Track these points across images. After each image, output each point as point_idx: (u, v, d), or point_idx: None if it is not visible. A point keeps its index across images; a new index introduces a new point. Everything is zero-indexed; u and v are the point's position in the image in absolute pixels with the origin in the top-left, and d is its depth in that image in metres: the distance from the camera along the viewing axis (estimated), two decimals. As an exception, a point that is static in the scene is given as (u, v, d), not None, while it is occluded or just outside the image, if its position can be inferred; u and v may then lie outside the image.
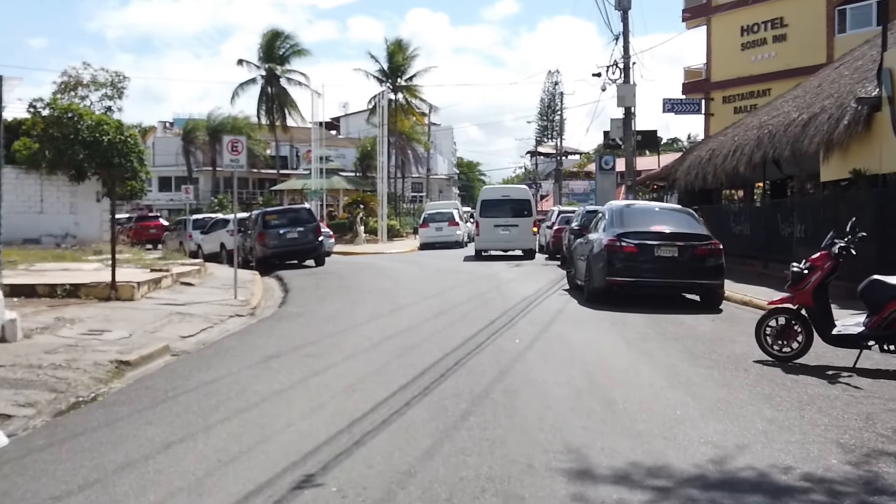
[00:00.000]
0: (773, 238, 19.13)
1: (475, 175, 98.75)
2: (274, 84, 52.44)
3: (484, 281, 17.94)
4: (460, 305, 13.24)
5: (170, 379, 7.81)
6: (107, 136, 30.10)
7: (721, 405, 6.40)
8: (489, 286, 16.62)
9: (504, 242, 26.33)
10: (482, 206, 26.47)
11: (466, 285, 16.93)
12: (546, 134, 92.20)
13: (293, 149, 61.49)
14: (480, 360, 8.33)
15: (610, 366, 8.01)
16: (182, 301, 14.47)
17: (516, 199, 26.60)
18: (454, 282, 17.73)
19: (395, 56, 51.88)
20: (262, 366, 8.32)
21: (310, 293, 16.44)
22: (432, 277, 19.23)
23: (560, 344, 9.32)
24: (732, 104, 34.20)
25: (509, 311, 12.26)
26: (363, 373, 7.80)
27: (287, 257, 23.77)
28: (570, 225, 23.36)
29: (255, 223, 24.05)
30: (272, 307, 14.87)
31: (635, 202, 18.10)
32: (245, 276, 20.61)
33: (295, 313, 13.21)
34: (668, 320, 11.38)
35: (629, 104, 28.05)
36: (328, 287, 17.57)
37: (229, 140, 15.16)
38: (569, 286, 15.99)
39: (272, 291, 18.05)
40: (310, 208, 24.59)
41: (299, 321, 12.09)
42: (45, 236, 29.71)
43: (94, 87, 33.38)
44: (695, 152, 26.16)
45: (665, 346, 9.20)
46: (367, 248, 36.55)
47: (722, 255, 12.88)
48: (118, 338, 10.40)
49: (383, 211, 41.72)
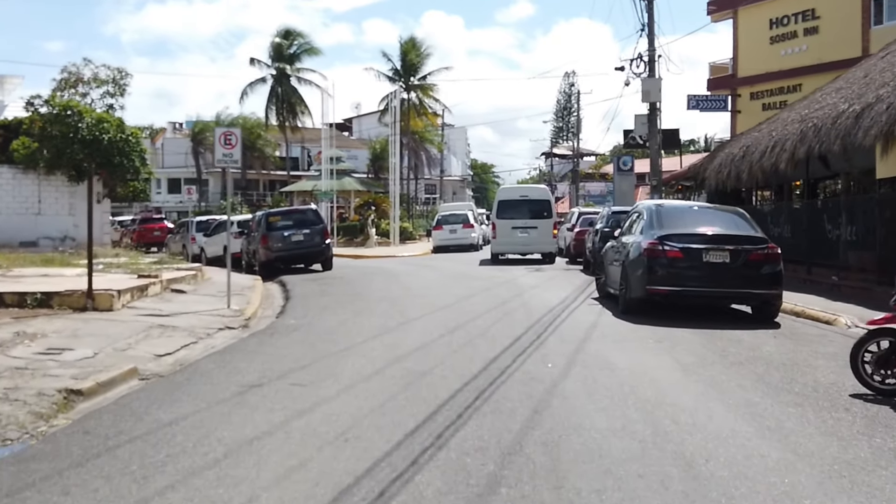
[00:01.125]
0: (818, 241, 17.35)
1: (489, 177, 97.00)
2: (284, 83, 50.87)
3: (503, 288, 16.26)
4: (479, 317, 11.57)
5: (120, 417, 6.18)
6: (107, 135, 28.66)
7: (839, 468, 4.70)
8: (509, 294, 14.94)
9: (522, 245, 24.62)
10: (499, 206, 24.74)
11: (485, 293, 15.25)
12: (561, 135, 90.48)
13: (304, 150, 59.93)
14: (507, 392, 6.66)
15: (673, 403, 6.30)
16: (168, 311, 12.87)
17: (535, 200, 24.85)
18: (471, 289, 16.06)
19: (409, 54, 50.24)
20: (238, 399, 6.68)
21: (312, 301, 14.82)
22: (447, 284, 17.57)
23: (602, 370, 7.63)
24: (760, 100, 32.31)
25: (535, 326, 10.57)
26: (361, 411, 6.15)
27: (292, 261, 22.17)
28: (594, 227, 21.66)
29: (258, 225, 22.47)
30: (269, 317, 13.26)
31: (677, 201, 16.34)
32: (245, 282, 19.03)
33: (292, 326, 11.58)
34: (721, 337, 9.66)
35: (654, 99, 26.32)
36: (333, 294, 15.95)
37: (221, 133, 13.57)
38: (598, 294, 14.29)
39: (272, 299, 16.46)
40: (316, 209, 22.95)
41: (295, 336, 10.45)
42: (42, 239, 28.29)
43: (96, 84, 31.94)
44: (726, 150, 24.35)
45: (731, 374, 7.49)
46: (378, 252, 34.95)
47: (780, 261, 11.12)
48: (79, 358, 8.80)
49: (395, 213, 40.11)
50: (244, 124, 52.26)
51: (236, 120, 52.16)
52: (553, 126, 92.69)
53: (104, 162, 28.87)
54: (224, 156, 13.53)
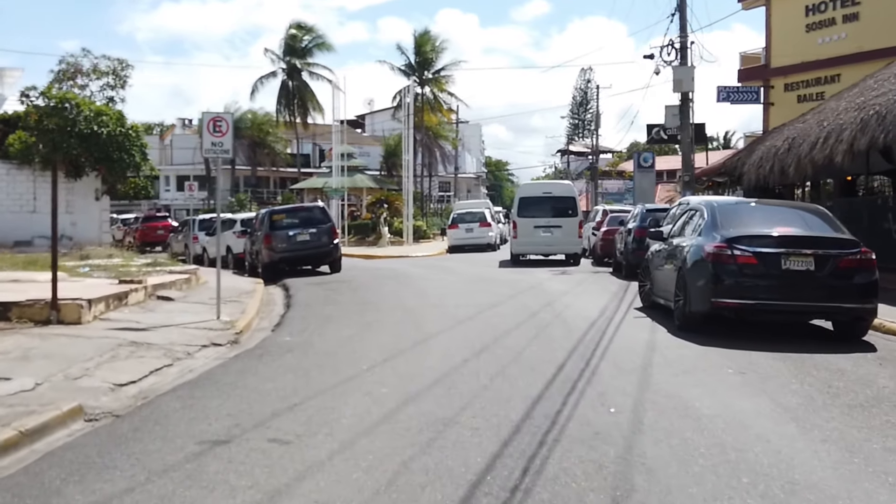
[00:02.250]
0: (881, 242, 15.31)
1: (503, 175, 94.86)
2: (295, 78, 49.00)
3: (530, 294, 14.33)
4: (508, 334, 9.64)
5: (17, 499, 4.31)
6: (106, 129, 26.93)
7: None
8: (538, 302, 12.99)
9: (545, 246, 22.64)
10: (520, 204, 22.76)
11: (510, 301, 13.32)
12: (577, 132, 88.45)
13: (315, 147, 58.03)
14: (566, 460, 4.72)
15: (806, 481, 4.34)
16: (146, 324, 11.02)
17: (559, 197, 22.85)
18: (494, 295, 14.13)
19: (424, 47, 48.21)
20: (193, 466, 4.78)
21: (315, 311, 12.94)
22: (466, 289, 15.65)
23: (684, 418, 5.68)
24: (795, 92, 30.14)
25: (579, 347, 8.63)
26: (362, 493, 4.24)
27: (297, 263, 20.32)
28: (624, 226, 19.69)
29: (261, 224, 20.62)
30: (264, 330, 11.40)
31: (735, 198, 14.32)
32: (244, 286, 17.19)
33: (287, 344, 9.69)
34: (815, 365, 7.67)
35: (687, 89, 24.27)
36: (339, 302, 14.07)
37: (210, 118, 11.69)
38: (642, 303, 12.32)
39: (272, 306, 14.61)
40: (324, 207, 21.07)
41: (288, 360, 8.55)
42: (37, 238, 26.56)
43: (95, 76, 30.23)
44: (766, 142, 22.29)
45: (859, 424, 5.52)
46: (390, 251, 33.07)
47: (875, 269, 9.09)
48: (14, 391, 6.94)
49: (409, 211, 38.20)
50: (254, 120, 50.53)
51: (245, 115, 50.41)
52: (569, 123, 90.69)
53: (102, 157, 27.18)
54: (213, 144, 11.66)
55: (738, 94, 31.10)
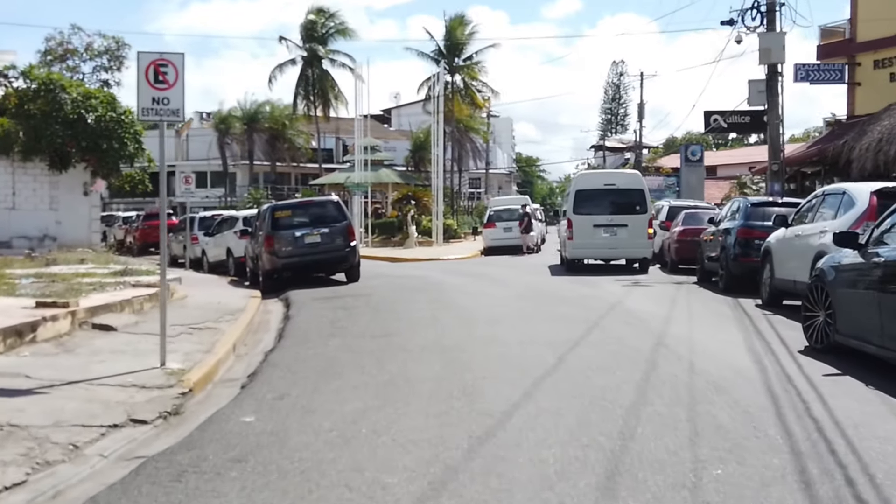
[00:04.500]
0: None
1: (534, 171, 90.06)
2: (315, 66, 44.80)
3: (617, 322, 10.00)
4: (637, 419, 5.36)
5: None
6: (94, 113, 23.01)
7: None
8: (639, 338, 8.67)
9: (607, 249, 18.25)
10: (577, 198, 18.36)
11: (595, 333, 9.01)
12: (610, 128, 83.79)
13: (339, 141, 53.89)
14: None
15: None
16: (39, 379, 6.89)
17: (624, 189, 18.38)
18: (566, 322, 9.85)
19: (455, 32, 43.75)
20: None
21: (314, 349, 8.76)
22: (524, 310, 11.37)
23: None
24: (888, 69, 25.37)
25: (783, 453, 4.35)
26: None
27: (306, 270, 16.20)
28: (714, 225, 15.30)
29: (262, 222, 16.50)
30: (232, 384, 7.28)
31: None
32: (233, 303, 13.10)
33: (244, 436, 5.48)
34: None
35: (776, 59, 19.87)
36: (350, 332, 9.86)
37: (150, 61, 7.49)
38: (812, 342, 7.91)
39: (261, 335, 10.51)
40: (338, 201, 16.84)
41: (233, 481, 4.36)
42: (17, 238, 22.75)
43: (88, 56, 26.42)
44: (883, 121, 17.79)
45: None
46: (418, 253, 28.87)
47: None
48: None
49: (438, 208, 33.95)
50: (272, 112, 46.56)
51: (263, 106, 46.49)
52: (601, 118, 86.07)
53: (90, 145, 23.28)
54: (155, 101, 7.49)
55: (818, 72, 26.41)
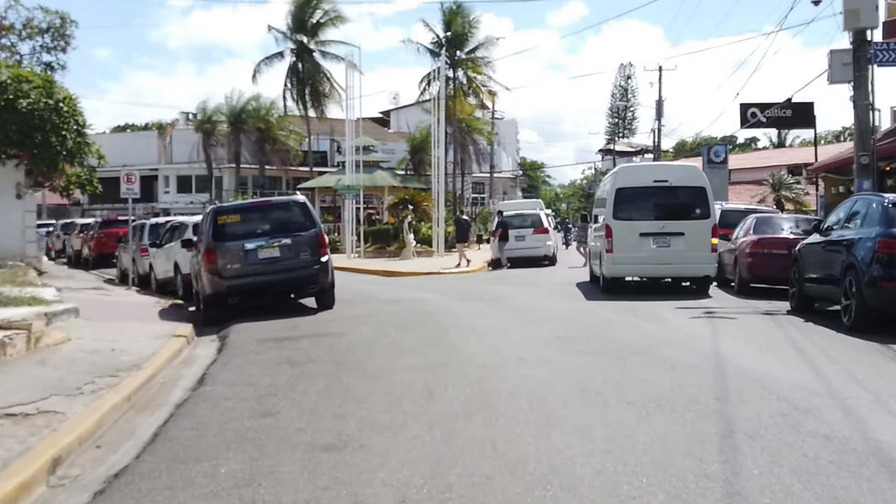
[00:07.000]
0: None
1: (539, 176, 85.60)
2: (306, 59, 40.37)
3: (756, 405, 5.63)
4: None
5: None
6: (27, 100, 18.69)
7: None
8: (832, 447, 4.31)
9: (659, 265, 13.78)
10: (617, 198, 13.84)
11: (740, 440, 4.65)
12: (616, 132, 79.64)
13: (333, 143, 49.53)
14: None
15: None
16: None
17: (680, 188, 13.89)
18: (671, 415, 5.49)
19: (454, 22, 39.42)
20: None
21: (190, 488, 4.39)
22: (583, 377, 6.92)
23: None
24: (970, 48, 21.12)
25: None
26: None
27: (259, 294, 11.88)
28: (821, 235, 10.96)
29: (204, 231, 12.14)
30: None
31: None
32: (139, 348, 8.73)
33: None
34: None
35: (866, 24, 15.74)
36: (274, 435, 5.48)
37: None
38: None
39: (142, 418, 6.15)
40: (304, 202, 12.38)
41: None
42: (-70, 250, 18.44)
43: (27, 33, 22.13)
44: None
45: None
46: (416, 265, 24.49)
47: None
48: None
49: (439, 214, 29.61)
50: (257, 109, 42.19)
51: (248, 104, 42.16)
52: (608, 123, 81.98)
53: (22, 139, 18.97)
54: None
55: (886, 52, 22.11)
